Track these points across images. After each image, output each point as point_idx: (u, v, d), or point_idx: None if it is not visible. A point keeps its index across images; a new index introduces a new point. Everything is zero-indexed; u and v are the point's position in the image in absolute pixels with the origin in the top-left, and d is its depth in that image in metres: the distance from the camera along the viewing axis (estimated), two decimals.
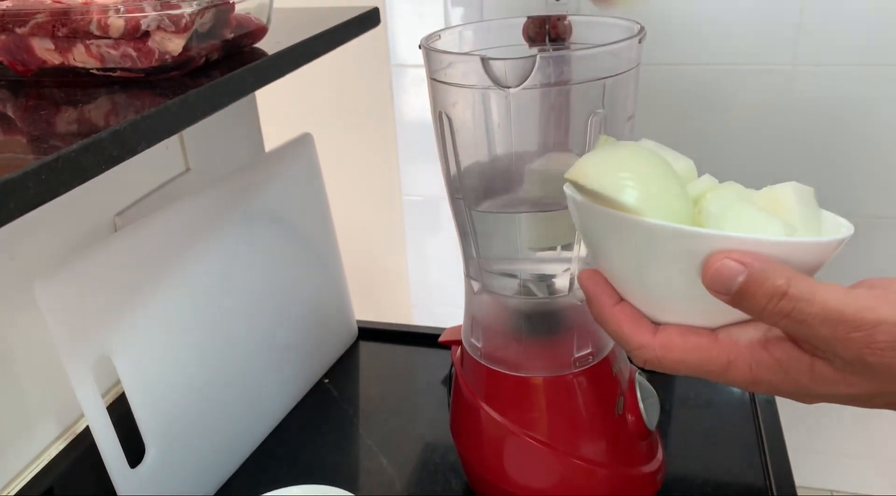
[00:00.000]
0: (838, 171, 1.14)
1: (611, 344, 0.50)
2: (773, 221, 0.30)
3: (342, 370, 0.72)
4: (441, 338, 0.71)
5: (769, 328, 0.31)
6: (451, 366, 0.55)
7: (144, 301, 0.51)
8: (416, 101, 1.27)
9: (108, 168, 0.33)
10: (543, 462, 0.49)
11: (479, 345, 0.50)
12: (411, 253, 1.46)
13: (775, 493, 0.55)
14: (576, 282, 0.47)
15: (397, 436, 0.63)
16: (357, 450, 0.62)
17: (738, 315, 0.31)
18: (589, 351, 0.48)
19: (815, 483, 1.41)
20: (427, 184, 1.36)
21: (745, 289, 0.28)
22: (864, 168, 1.13)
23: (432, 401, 0.68)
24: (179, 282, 0.54)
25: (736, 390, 0.67)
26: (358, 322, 0.78)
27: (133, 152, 0.35)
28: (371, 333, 0.77)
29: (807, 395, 0.31)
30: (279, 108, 1.25)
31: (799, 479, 0.57)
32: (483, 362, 0.50)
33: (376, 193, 1.42)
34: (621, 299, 0.34)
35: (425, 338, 0.76)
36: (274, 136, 0.74)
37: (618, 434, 0.50)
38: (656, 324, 0.33)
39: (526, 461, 0.49)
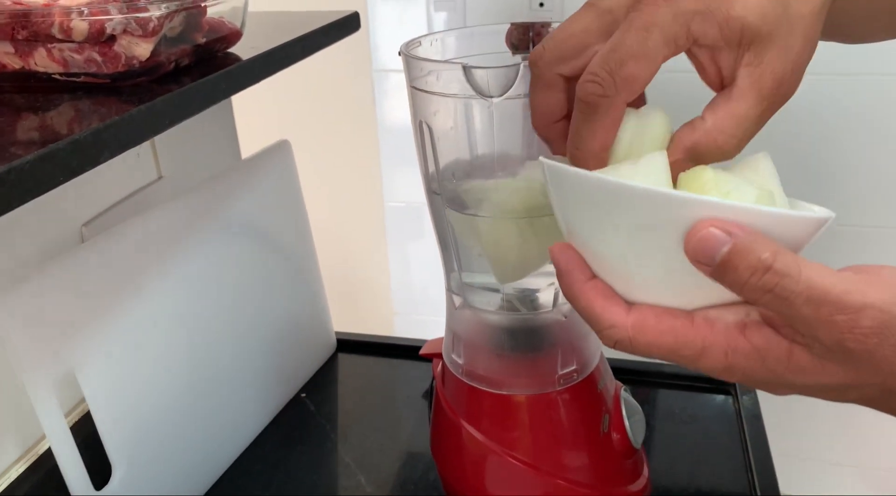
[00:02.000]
0: (818, 179, 1.14)
1: (596, 360, 0.49)
2: (751, 190, 0.29)
3: (320, 384, 0.70)
4: (422, 351, 0.69)
5: (747, 313, 0.29)
6: (433, 379, 0.54)
7: (111, 315, 0.49)
8: (398, 107, 1.26)
9: (66, 180, 0.31)
10: (526, 482, 0.47)
11: (461, 362, 0.49)
12: (394, 260, 1.45)
13: None
14: (560, 297, 0.46)
15: (376, 454, 0.61)
16: (334, 467, 0.60)
17: (716, 297, 0.29)
18: (573, 368, 0.47)
19: (800, 490, 1.41)
20: (410, 190, 1.35)
21: (728, 260, 0.26)
22: (845, 176, 1.13)
23: (412, 415, 0.66)
24: (149, 294, 0.52)
25: (720, 402, 0.66)
26: (337, 333, 0.76)
27: (95, 163, 0.33)
28: (350, 345, 0.76)
29: (780, 386, 0.29)
30: (258, 113, 1.23)
31: (783, 487, 0.56)
32: (464, 379, 0.48)
33: (358, 200, 1.40)
34: (594, 276, 0.32)
35: (406, 351, 0.74)
36: (253, 142, 0.72)
37: (603, 453, 0.48)
38: (630, 304, 0.31)
39: (508, 481, 0.48)
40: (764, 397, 0.67)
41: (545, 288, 0.47)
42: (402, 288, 1.47)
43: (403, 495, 0.57)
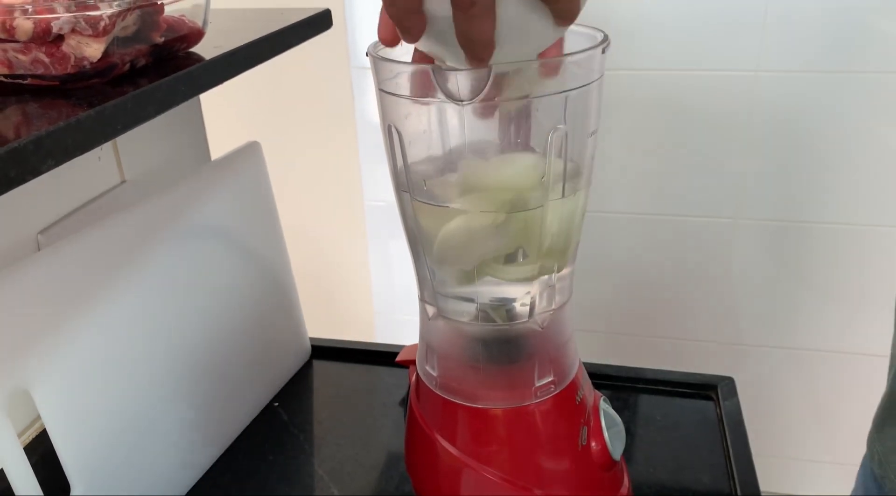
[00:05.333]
0: (801, 176, 1.13)
1: (574, 371, 0.47)
2: None
3: (293, 392, 0.68)
4: (398, 358, 0.68)
5: None
6: (409, 387, 0.52)
7: (69, 328, 0.46)
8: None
9: (2, 192, 0.29)
10: None
11: (435, 375, 0.47)
12: (374, 260, 1.43)
13: None
14: (536, 307, 0.45)
15: (350, 465, 0.60)
16: (308, 479, 0.58)
17: None
18: (551, 379, 0.46)
19: (780, 488, 1.41)
20: (391, 189, 1.33)
21: None
22: (827, 174, 1.13)
23: (388, 424, 0.65)
24: (110, 305, 0.49)
25: (702, 407, 0.64)
26: (312, 339, 0.74)
27: (36, 172, 0.31)
28: (325, 352, 0.74)
29: None
30: (231, 113, 1.20)
31: (763, 485, 0.56)
32: (438, 392, 0.47)
33: (338, 199, 1.38)
34: None
35: (382, 357, 0.72)
36: (226, 142, 0.69)
37: (581, 466, 0.47)
38: None
39: None
40: (745, 398, 0.65)
41: (521, 297, 0.45)
42: (383, 287, 1.45)
43: None
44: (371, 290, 1.46)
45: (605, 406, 0.49)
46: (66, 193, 0.54)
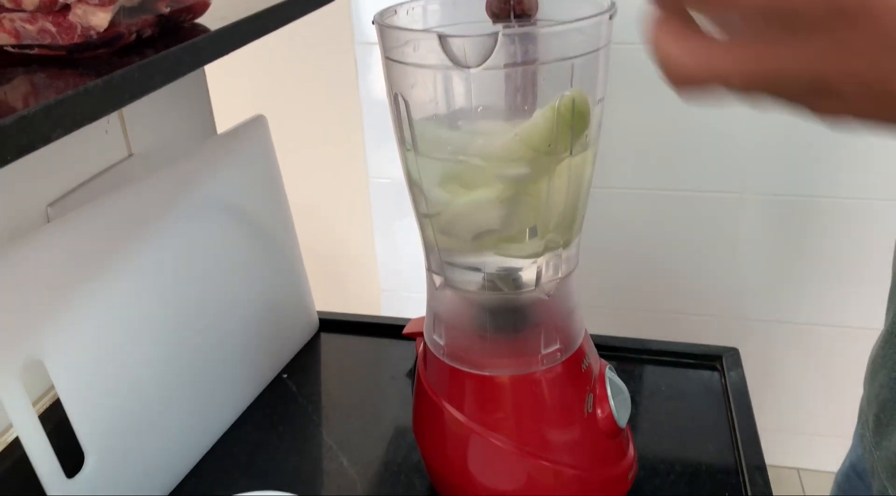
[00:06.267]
0: (808, 151, 1.13)
1: (580, 339, 0.48)
2: None
3: (302, 364, 0.69)
4: (405, 331, 0.68)
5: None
6: (416, 359, 0.52)
7: (80, 298, 0.47)
8: (382, 81, 1.23)
9: (13, 159, 0.29)
10: (509, 464, 0.47)
11: (442, 343, 0.47)
12: (379, 237, 1.43)
13: (746, 479, 0.53)
14: (543, 275, 0.45)
15: (359, 435, 0.60)
16: (317, 450, 0.59)
17: None
18: (557, 347, 0.46)
19: (784, 461, 1.42)
20: (396, 166, 1.32)
21: None
22: (834, 149, 1.12)
23: (396, 395, 0.65)
24: (120, 276, 0.50)
25: (707, 378, 0.65)
26: (319, 313, 0.74)
27: (46, 140, 0.31)
28: (333, 325, 0.74)
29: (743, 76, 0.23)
30: (235, 87, 1.20)
31: (769, 458, 0.56)
32: (446, 361, 0.47)
33: (342, 176, 1.38)
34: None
35: (389, 330, 0.73)
36: (229, 117, 0.70)
37: (587, 433, 0.48)
38: None
39: (491, 463, 0.47)
40: (750, 373, 0.66)
41: (528, 266, 0.45)
42: (389, 265, 1.45)
43: (387, 477, 0.56)
44: (377, 268, 1.47)
45: (610, 374, 0.49)
46: (75, 167, 0.54)
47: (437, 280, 0.47)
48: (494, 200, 0.41)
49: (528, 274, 0.45)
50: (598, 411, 0.48)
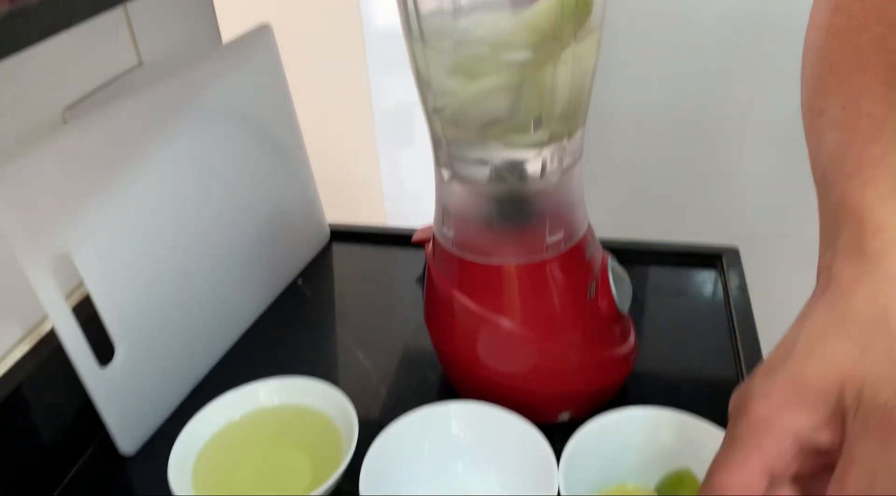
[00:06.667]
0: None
1: (583, 229, 0.50)
2: None
3: (315, 271, 0.72)
4: (414, 238, 0.70)
5: None
6: (425, 264, 0.54)
7: (101, 197, 0.49)
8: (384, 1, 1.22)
9: (38, 40, 0.30)
10: (517, 348, 0.49)
11: (451, 235, 0.49)
12: (385, 164, 1.43)
13: (744, 367, 0.56)
14: (548, 166, 0.46)
15: (373, 333, 0.63)
16: (334, 346, 0.62)
17: None
18: (561, 236, 0.48)
19: None
20: (400, 89, 1.32)
21: None
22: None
23: (408, 299, 0.68)
24: (138, 178, 0.52)
25: (707, 276, 0.67)
26: (330, 224, 0.76)
27: (67, 24, 0.32)
28: (343, 235, 0.76)
29: None
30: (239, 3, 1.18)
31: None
32: (455, 252, 0.49)
33: (344, 101, 1.37)
34: None
35: (399, 239, 0.75)
36: (233, 29, 0.70)
37: (590, 318, 0.50)
38: None
39: (500, 348, 0.50)
40: (752, 292, 0.67)
41: (533, 159, 0.47)
42: (395, 191, 1.46)
43: (401, 368, 0.59)
44: (382, 194, 1.48)
45: (612, 263, 0.51)
46: (88, 73, 0.55)
47: (446, 174, 0.48)
48: (500, 88, 0.42)
49: (533, 166, 0.47)
50: (601, 297, 0.50)
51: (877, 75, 0.34)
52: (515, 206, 0.48)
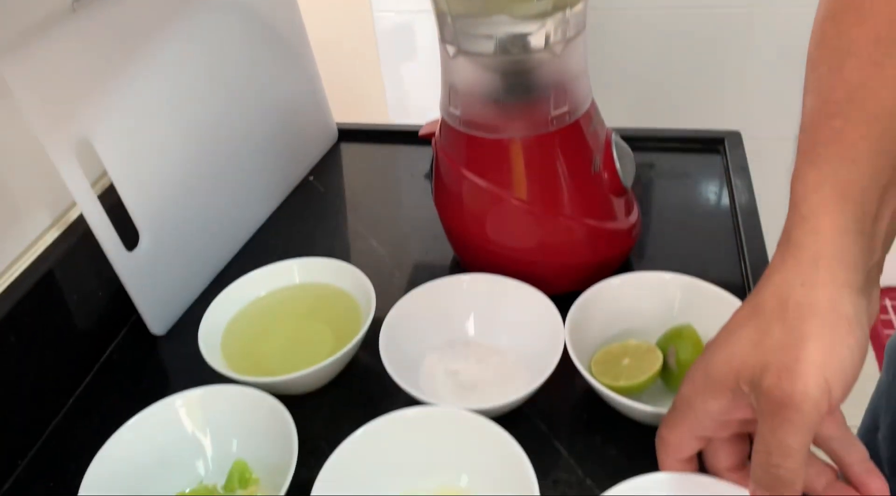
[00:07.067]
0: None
1: (587, 103, 0.51)
2: None
3: (325, 168, 0.73)
4: (421, 132, 0.71)
5: None
6: (433, 159, 0.55)
7: (115, 83, 0.50)
8: None
9: None
10: (525, 221, 0.51)
11: (458, 113, 0.50)
12: (388, 76, 1.42)
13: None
14: (552, 37, 0.47)
15: (385, 222, 0.65)
16: (347, 235, 0.64)
17: None
18: (565, 109, 0.49)
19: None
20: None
21: None
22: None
23: (417, 191, 0.69)
24: (150, 67, 0.53)
25: (710, 160, 0.68)
26: (337, 124, 0.77)
27: None
28: (351, 134, 0.78)
29: None
30: None
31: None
32: (461, 129, 0.50)
33: (344, 9, 1.35)
34: None
35: (406, 136, 0.76)
36: None
37: (595, 190, 0.52)
38: None
39: (508, 222, 0.51)
40: (759, 192, 0.67)
41: (537, 30, 0.47)
42: (398, 103, 1.46)
43: (413, 251, 0.61)
44: (386, 107, 1.47)
45: (616, 138, 0.53)
46: None
47: (451, 49, 0.49)
48: None
49: (537, 38, 0.48)
50: (605, 171, 0.52)
51: (872, 30, 0.31)
52: (520, 79, 0.49)
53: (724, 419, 0.34)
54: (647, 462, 0.38)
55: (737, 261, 0.57)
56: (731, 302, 0.46)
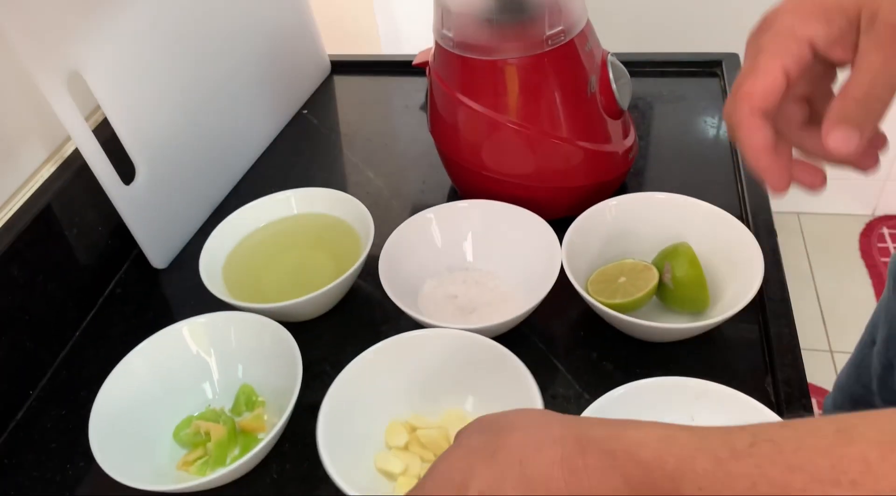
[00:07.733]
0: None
1: (583, 23, 0.50)
2: None
3: (319, 102, 0.72)
4: (415, 62, 0.70)
5: None
6: (427, 90, 0.55)
7: (107, 16, 0.49)
8: None
9: None
10: (521, 144, 0.51)
11: (451, 35, 0.50)
12: (379, 7, 1.39)
13: (750, 216, 0.57)
14: None
15: (380, 154, 0.65)
16: (343, 167, 0.64)
17: None
18: (560, 28, 0.48)
19: (785, 207, 1.49)
20: None
21: None
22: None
23: (411, 123, 0.69)
24: (139, 5, 0.52)
25: (707, 83, 0.68)
26: (330, 56, 0.76)
27: None
28: (344, 66, 0.76)
29: None
30: None
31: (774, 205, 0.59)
32: (456, 52, 0.50)
33: None
34: None
35: (399, 67, 0.75)
36: None
37: (591, 112, 0.51)
38: None
39: (504, 147, 0.51)
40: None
41: None
42: (393, 44, 1.43)
43: (409, 181, 0.61)
44: (378, 33, 1.44)
45: (612, 59, 0.52)
46: None
47: None
48: None
49: None
50: (601, 93, 0.51)
51: None
52: None
53: (824, 53, 0.33)
54: (641, 376, 0.39)
55: (734, 183, 0.57)
56: (726, 218, 0.47)
